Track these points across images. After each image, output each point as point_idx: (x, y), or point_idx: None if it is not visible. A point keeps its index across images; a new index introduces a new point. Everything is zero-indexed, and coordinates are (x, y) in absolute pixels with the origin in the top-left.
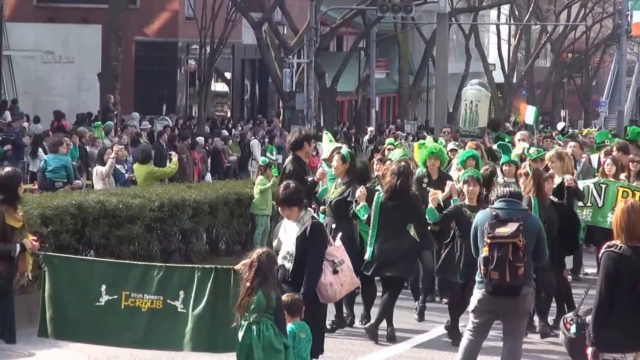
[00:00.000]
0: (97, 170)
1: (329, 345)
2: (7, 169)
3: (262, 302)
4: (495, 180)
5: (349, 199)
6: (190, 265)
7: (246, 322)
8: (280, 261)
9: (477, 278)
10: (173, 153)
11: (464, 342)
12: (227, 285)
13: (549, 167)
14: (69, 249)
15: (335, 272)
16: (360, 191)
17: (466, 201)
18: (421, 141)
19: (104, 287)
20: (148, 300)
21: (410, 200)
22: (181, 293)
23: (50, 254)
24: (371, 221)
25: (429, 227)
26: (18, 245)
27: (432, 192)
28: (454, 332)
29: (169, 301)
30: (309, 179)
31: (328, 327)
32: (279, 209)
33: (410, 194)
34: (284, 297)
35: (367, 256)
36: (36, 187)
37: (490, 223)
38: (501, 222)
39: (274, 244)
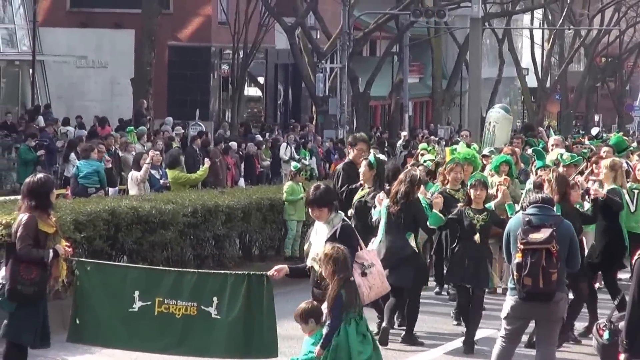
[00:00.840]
0: (133, 175)
1: None
2: (39, 175)
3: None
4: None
5: (369, 203)
6: (223, 272)
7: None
8: (309, 263)
9: (510, 284)
10: (206, 159)
11: (496, 349)
12: (261, 291)
13: (583, 172)
14: (102, 254)
15: (363, 274)
16: (379, 197)
17: (472, 204)
18: (453, 146)
19: (137, 293)
20: (182, 306)
21: (412, 207)
22: (215, 299)
23: (84, 259)
24: (379, 227)
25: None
26: (51, 251)
27: (435, 195)
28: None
29: (203, 307)
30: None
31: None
32: (309, 209)
33: (413, 201)
34: (304, 305)
35: None
36: (69, 192)
37: (523, 229)
38: (534, 227)
39: (305, 247)
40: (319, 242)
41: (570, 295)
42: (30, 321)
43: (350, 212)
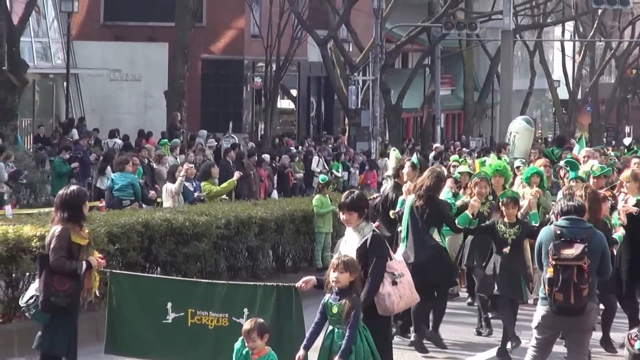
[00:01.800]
0: (167, 187)
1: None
2: (72, 187)
3: None
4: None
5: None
6: (252, 283)
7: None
8: None
9: (541, 294)
10: (236, 172)
11: (528, 358)
12: (290, 303)
13: (614, 185)
14: (135, 266)
15: (394, 283)
16: (407, 187)
17: (505, 218)
18: (483, 158)
19: (170, 304)
20: (214, 317)
21: (436, 202)
22: (245, 310)
23: (117, 271)
24: (402, 222)
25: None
26: (84, 262)
27: (475, 199)
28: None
29: (234, 318)
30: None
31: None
32: (340, 213)
33: (438, 199)
34: (250, 323)
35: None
36: (103, 204)
37: (555, 244)
38: (566, 242)
39: (334, 257)
40: (349, 250)
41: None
42: (64, 332)
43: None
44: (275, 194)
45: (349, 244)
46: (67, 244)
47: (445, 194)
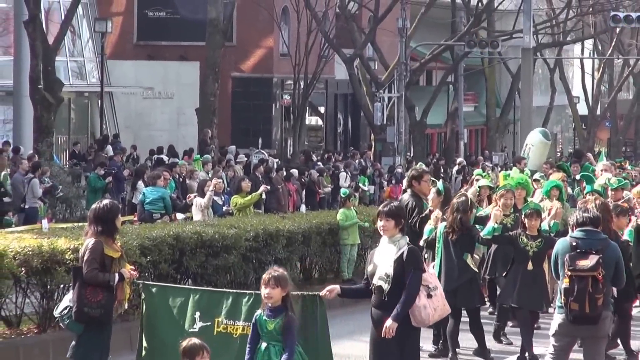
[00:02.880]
0: (197, 202)
1: None
2: (105, 201)
3: None
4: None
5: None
6: None
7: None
8: (377, 282)
9: (558, 303)
10: (263, 186)
11: None
12: (314, 311)
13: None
14: (167, 278)
15: (429, 296)
16: (436, 215)
17: (527, 230)
18: (506, 172)
19: (198, 314)
20: (239, 326)
21: (470, 233)
22: None
23: (149, 282)
24: (436, 252)
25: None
26: (117, 274)
27: (497, 209)
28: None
29: None
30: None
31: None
32: (378, 221)
33: (470, 227)
34: (196, 341)
35: None
36: (136, 218)
37: (570, 255)
38: (581, 254)
39: (369, 268)
40: (385, 262)
41: None
42: (97, 343)
43: (422, 242)
44: (303, 207)
45: (385, 255)
46: (99, 257)
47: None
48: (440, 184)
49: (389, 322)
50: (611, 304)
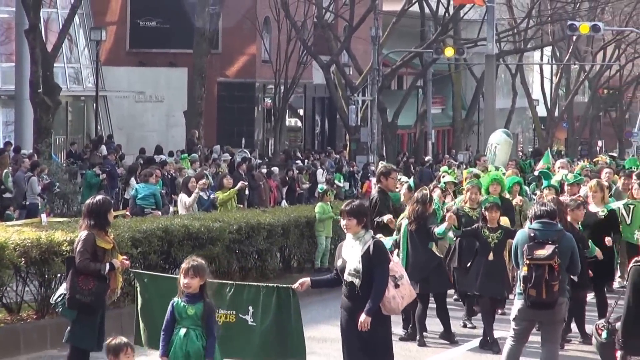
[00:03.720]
0: (182, 199)
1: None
2: (99, 197)
3: None
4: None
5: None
6: (256, 284)
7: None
8: (348, 278)
9: (518, 290)
10: (241, 182)
11: (506, 348)
12: (288, 302)
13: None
14: (156, 268)
15: (396, 286)
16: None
17: (487, 223)
18: (470, 169)
19: None
20: (223, 314)
21: (427, 222)
22: (250, 308)
23: (140, 271)
24: (400, 245)
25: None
26: (108, 264)
27: (449, 215)
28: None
29: (240, 315)
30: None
31: (402, 336)
32: (341, 219)
33: (426, 218)
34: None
35: None
36: (128, 213)
37: (529, 245)
38: (539, 244)
39: (339, 263)
40: (353, 257)
41: None
42: (90, 327)
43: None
44: (284, 203)
45: (352, 251)
46: (91, 248)
47: (456, 204)
48: (412, 181)
49: (362, 317)
50: (567, 291)
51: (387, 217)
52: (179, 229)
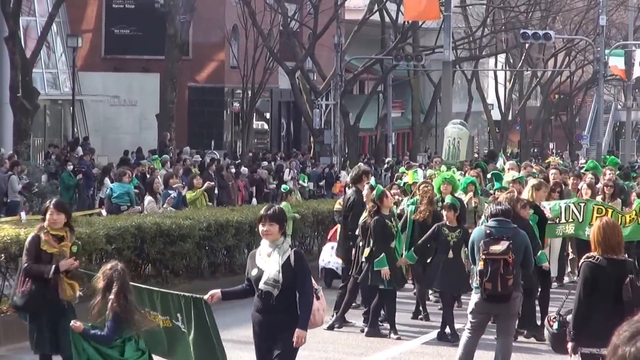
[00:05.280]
0: (148, 201)
1: (351, 342)
2: (54, 200)
3: None
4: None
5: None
6: (176, 293)
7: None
8: (264, 287)
9: (474, 285)
10: (207, 182)
11: (463, 339)
12: (203, 311)
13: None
14: (130, 263)
15: (317, 297)
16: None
17: (447, 222)
18: (415, 169)
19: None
20: (161, 319)
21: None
22: (179, 315)
23: (82, 270)
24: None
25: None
26: (53, 267)
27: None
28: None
29: (174, 321)
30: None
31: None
32: (260, 225)
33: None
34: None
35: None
36: (104, 211)
37: (484, 241)
38: (494, 240)
39: (253, 273)
40: (271, 267)
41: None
42: (37, 331)
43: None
44: (254, 201)
45: (270, 260)
46: (34, 250)
47: (412, 201)
48: (372, 180)
49: (298, 332)
50: (521, 286)
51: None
52: (151, 226)
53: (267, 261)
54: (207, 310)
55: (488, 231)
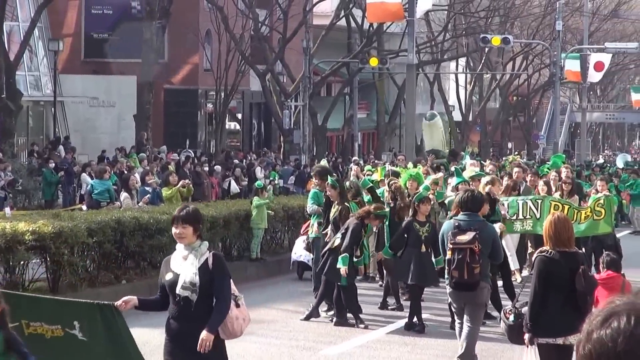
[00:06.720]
0: (124, 197)
1: (321, 331)
2: None
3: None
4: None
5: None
6: (75, 300)
7: None
8: (182, 292)
9: (446, 275)
10: (182, 181)
11: (457, 330)
12: (114, 318)
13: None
14: (110, 255)
15: (237, 305)
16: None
17: (418, 217)
18: (384, 166)
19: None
20: (48, 329)
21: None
22: (76, 323)
23: None
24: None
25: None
26: None
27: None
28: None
29: (67, 330)
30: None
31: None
32: (173, 226)
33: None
34: None
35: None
36: (84, 206)
37: (452, 232)
38: (462, 231)
39: (168, 278)
40: (187, 270)
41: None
42: None
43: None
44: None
45: (186, 263)
46: None
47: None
48: (330, 179)
49: (204, 335)
50: (489, 278)
51: None
52: (130, 221)
53: (183, 264)
54: (117, 317)
55: (457, 224)
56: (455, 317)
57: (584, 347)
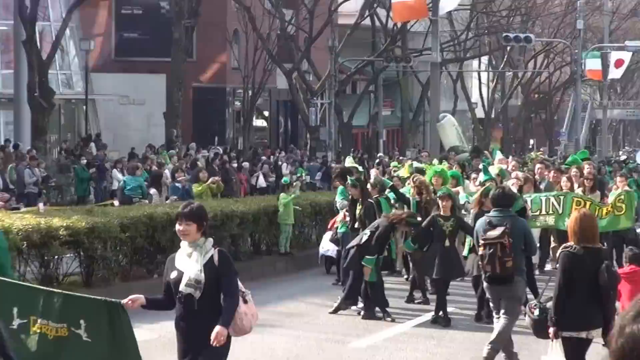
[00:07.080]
0: (152, 193)
1: (349, 324)
2: None
3: None
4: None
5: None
6: (85, 296)
7: None
8: (185, 290)
9: (482, 271)
10: (212, 177)
11: (494, 320)
12: (118, 317)
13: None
14: (142, 249)
15: (245, 301)
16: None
17: (441, 212)
18: (410, 162)
19: (15, 309)
20: (53, 327)
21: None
22: (82, 321)
23: None
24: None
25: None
26: None
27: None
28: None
29: (73, 329)
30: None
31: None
32: (177, 223)
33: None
34: None
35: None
36: (116, 202)
37: (484, 228)
38: (493, 226)
39: (172, 276)
40: (192, 268)
41: None
42: None
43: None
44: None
45: (190, 261)
46: None
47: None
48: (350, 179)
49: (219, 329)
50: (524, 272)
51: None
52: (162, 216)
53: (187, 262)
54: (123, 316)
55: (489, 220)
56: (493, 311)
57: (616, 342)
